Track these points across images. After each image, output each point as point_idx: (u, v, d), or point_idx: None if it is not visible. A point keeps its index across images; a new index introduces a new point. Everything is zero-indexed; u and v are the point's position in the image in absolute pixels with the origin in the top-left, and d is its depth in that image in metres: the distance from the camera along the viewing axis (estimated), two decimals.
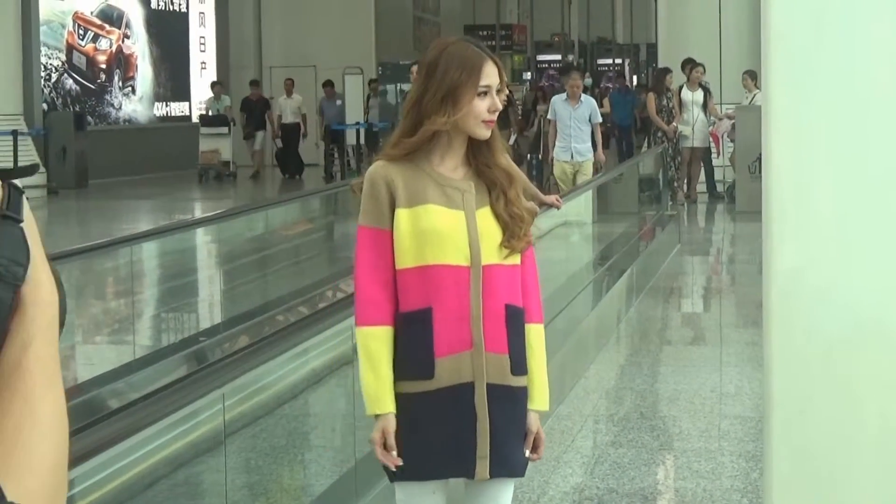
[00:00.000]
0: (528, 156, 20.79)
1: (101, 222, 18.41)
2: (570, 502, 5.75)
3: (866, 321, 3.45)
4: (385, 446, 3.35)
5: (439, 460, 3.40)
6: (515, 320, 3.43)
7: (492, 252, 3.40)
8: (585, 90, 21.93)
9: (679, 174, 19.14)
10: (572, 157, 13.76)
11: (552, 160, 14.19)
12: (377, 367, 3.36)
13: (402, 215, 3.37)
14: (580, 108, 13.93)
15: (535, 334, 3.49)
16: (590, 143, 13.88)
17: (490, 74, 3.42)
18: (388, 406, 3.35)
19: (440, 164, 3.44)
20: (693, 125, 18.97)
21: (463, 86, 3.38)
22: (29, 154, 21.14)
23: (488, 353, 3.38)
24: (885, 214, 3.45)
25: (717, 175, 19.56)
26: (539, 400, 3.49)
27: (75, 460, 3.36)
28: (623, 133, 25.09)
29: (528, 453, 3.48)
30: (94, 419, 3.63)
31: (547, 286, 9.63)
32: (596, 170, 14.16)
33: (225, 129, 25.23)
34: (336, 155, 25.70)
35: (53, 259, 1.26)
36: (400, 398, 3.40)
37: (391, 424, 3.35)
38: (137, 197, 21.82)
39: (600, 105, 21.71)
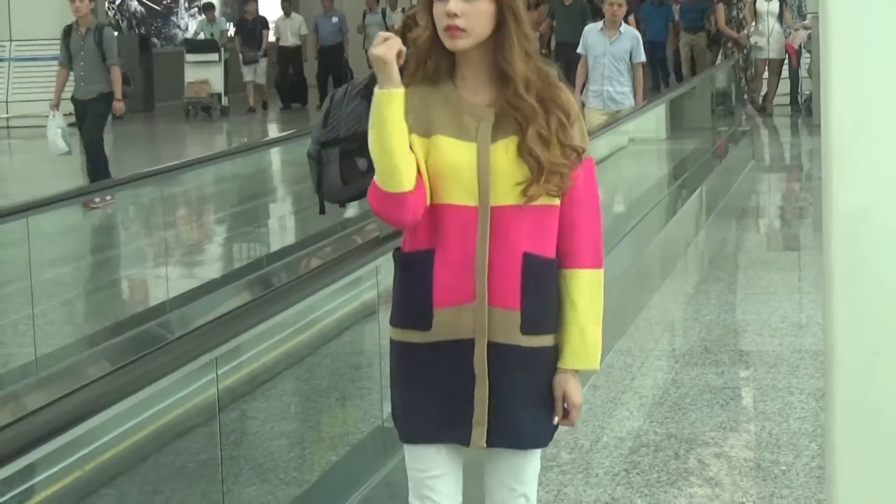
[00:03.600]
0: None
1: (168, 146, 18.26)
2: (626, 449, 5.40)
3: None
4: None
5: (434, 423, 3.02)
6: (536, 272, 2.98)
7: (507, 191, 2.94)
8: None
9: (752, 86, 18.58)
10: (604, 104, 10.62)
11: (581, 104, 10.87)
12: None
13: (415, 142, 2.96)
14: (619, 40, 10.62)
15: (580, 281, 3.01)
16: (629, 88, 10.69)
17: None
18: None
19: (463, 86, 2.99)
20: (769, 36, 18.41)
21: None
22: None
23: (493, 308, 2.96)
24: None
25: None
26: (573, 358, 3.02)
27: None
28: (655, 49, 23.22)
29: (556, 420, 3.07)
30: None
31: (608, 211, 9.27)
32: None
33: (215, 56, 21.97)
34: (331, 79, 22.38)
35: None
36: (397, 346, 3.06)
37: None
38: (205, 119, 21.60)
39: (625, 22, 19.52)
